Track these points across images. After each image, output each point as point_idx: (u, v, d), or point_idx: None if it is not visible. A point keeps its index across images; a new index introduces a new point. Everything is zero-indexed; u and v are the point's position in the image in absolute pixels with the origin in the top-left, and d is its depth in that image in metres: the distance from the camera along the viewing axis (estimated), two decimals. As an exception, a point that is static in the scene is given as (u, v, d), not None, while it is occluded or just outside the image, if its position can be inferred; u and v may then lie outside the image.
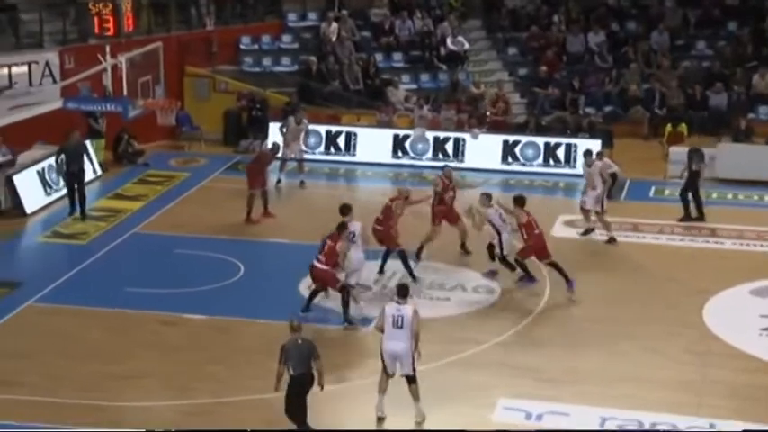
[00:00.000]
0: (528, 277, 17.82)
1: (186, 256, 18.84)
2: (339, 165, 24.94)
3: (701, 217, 21.14)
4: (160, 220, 20.97)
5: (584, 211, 20.22)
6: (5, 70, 23.47)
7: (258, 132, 25.71)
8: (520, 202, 17.95)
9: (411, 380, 13.46)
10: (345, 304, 16.13)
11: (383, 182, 23.17)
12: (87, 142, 23.56)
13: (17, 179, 21.30)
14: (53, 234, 20.31)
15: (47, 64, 24.15)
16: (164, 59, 20.31)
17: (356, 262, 16.88)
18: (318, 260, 16.23)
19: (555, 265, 17.61)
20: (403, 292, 13.62)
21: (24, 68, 23.79)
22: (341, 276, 16.41)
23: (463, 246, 18.97)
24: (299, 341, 12.83)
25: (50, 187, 21.92)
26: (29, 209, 21.25)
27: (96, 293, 17.27)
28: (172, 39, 26.27)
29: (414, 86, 28.14)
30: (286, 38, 28.91)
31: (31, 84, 23.80)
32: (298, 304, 16.58)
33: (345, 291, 16.14)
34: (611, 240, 19.89)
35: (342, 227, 16.58)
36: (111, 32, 23.05)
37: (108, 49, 19.71)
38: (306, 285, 17.40)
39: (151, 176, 23.84)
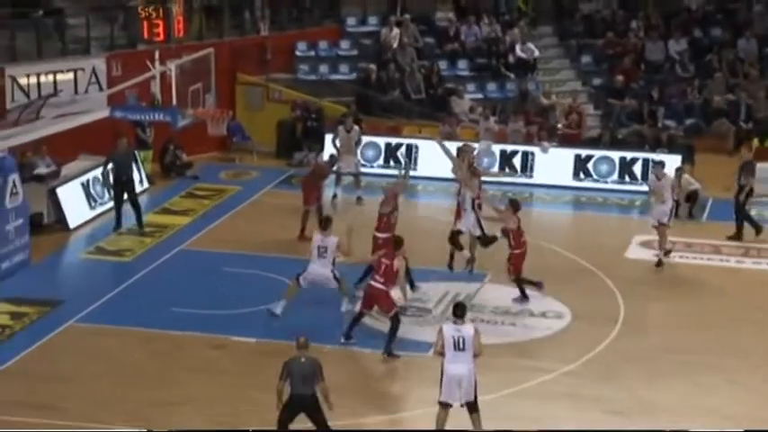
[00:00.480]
0: (523, 296, 17.92)
1: (236, 274, 19.02)
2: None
3: (738, 235, 20.99)
4: (209, 237, 21.21)
5: (656, 228, 20.04)
6: (51, 77, 23.90)
7: (313, 144, 25.93)
8: (514, 205, 18.00)
9: (472, 408, 13.44)
10: (393, 333, 16.11)
11: (445, 198, 23.18)
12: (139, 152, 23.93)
13: (60, 192, 21.64)
14: (97, 250, 20.62)
15: (93, 70, 24.56)
16: (215, 66, 20.50)
17: (313, 275, 17.02)
18: (375, 279, 16.31)
19: (521, 280, 17.87)
20: (460, 311, 13.63)
21: (70, 75, 24.21)
22: (397, 300, 16.47)
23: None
24: (302, 359, 12.99)
25: (95, 201, 22.24)
26: (72, 223, 21.58)
27: (141, 313, 17.50)
28: (224, 45, 26.58)
29: (479, 96, 28.17)
30: (344, 44, 29.11)
31: (76, 91, 24.20)
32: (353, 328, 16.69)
33: (397, 319, 16.17)
34: (660, 262, 19.64)
35: (399, 243, 16.63)
36: (160, 38, 23.33)
37: (157, 55, 19.94)
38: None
39: (200, 190, 24.12)
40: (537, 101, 27.43)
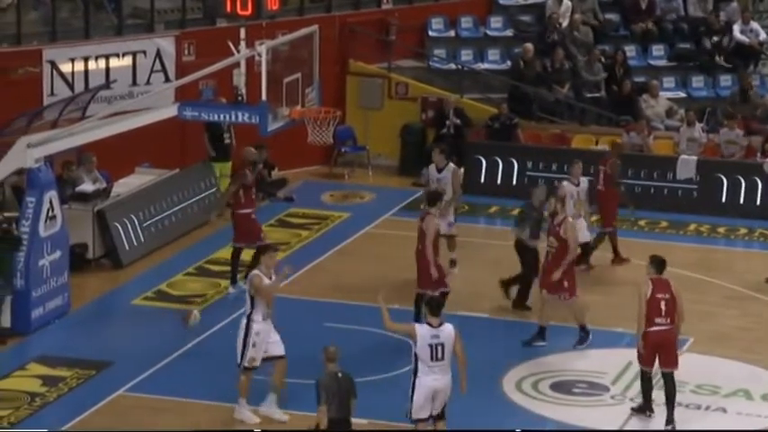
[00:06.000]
0: None
1: (344, 332, 19.13)
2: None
3: None
4: (306, 280, 21.38)
5: None
6: (102, 62, 24.43)
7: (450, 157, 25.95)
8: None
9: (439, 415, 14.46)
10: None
11: (628, 233, 23.12)
12: (213, 166, 24.26)
13: (111, 217, 22.03)
14: (157, 295, 20.95)
15: (158, 54, 25.07)
16: (320, 50, 20.80)
17: None
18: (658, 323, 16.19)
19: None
20: (435, 306, 14.42)
21: (127, 60, 24.75)
22: None
23: None
24: (339, 374, 13.79)
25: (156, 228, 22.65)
26: (125, 258, 21.98)
27: (215, 383, 17.65)
28: (332, 21, 26.91)
29: (681, 95, 28.09)
30: (495, 21, 29.21)
31: (135, 82, 24.74)
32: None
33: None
34: None
35: (661, 264, 16.49)
36: (248, 11, 23.72)
37: (243, 33, 20.27)
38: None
39: (295, 217, 24.38)
40: (763, 102, 27.14)
